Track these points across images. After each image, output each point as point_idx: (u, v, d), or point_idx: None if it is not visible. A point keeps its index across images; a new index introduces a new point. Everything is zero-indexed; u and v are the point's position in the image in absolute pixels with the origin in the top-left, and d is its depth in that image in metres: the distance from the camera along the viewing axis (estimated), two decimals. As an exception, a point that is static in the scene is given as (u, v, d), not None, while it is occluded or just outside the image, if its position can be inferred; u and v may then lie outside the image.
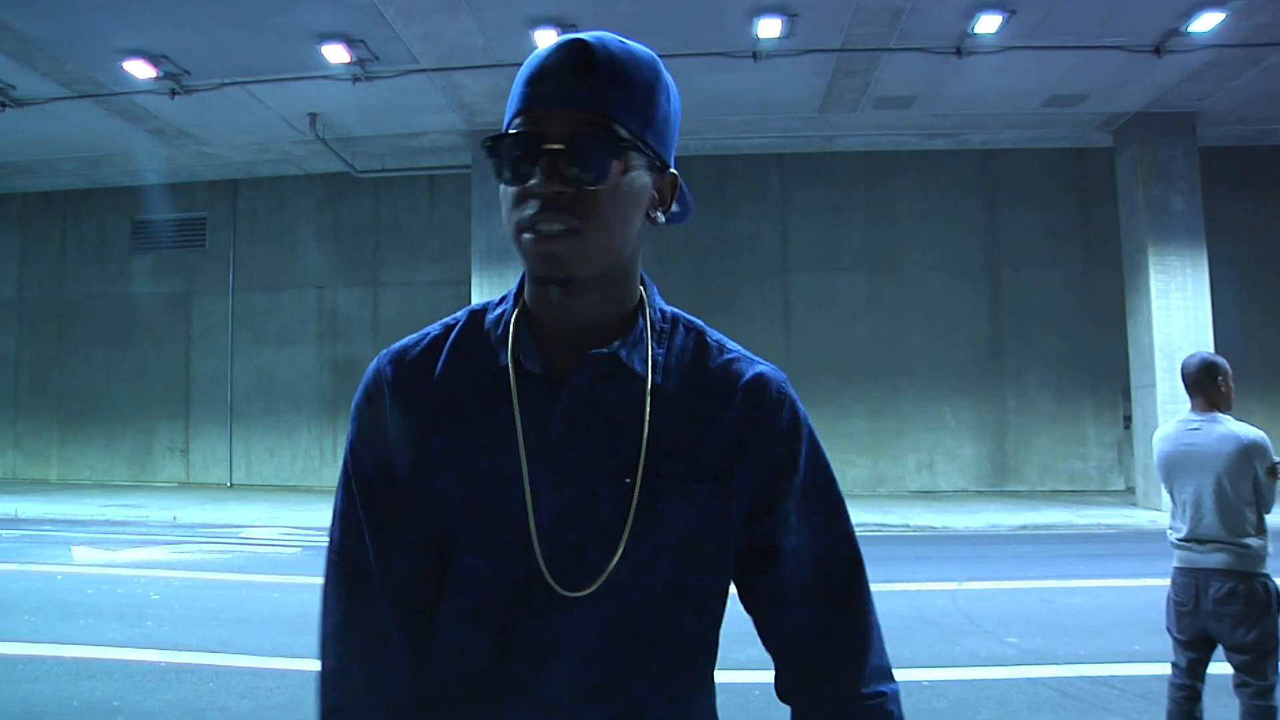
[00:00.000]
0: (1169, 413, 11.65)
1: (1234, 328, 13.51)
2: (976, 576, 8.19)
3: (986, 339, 15.56)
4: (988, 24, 10.26)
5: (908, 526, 11.69)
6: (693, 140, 14.83)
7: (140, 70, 11.22)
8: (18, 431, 17.62)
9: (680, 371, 1.12)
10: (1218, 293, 12.76)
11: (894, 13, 10.12)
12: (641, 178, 1.05)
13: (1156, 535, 10.92)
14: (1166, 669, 3.92)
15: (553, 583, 1.05)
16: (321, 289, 16.85)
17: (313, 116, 13.13)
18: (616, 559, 1.05)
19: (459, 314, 1.20)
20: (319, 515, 12.38)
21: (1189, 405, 3.95)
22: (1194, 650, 3.78)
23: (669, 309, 1.19)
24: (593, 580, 1.05)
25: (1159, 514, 11.63)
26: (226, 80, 11.75)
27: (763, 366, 1.16)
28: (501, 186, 1.05)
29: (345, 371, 16.42)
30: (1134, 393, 13.27)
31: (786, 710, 1.17)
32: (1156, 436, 4.06)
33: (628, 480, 1.06)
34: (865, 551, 1.18)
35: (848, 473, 15.39)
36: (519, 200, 1.02)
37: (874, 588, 1.17)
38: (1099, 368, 15.09)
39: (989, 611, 6.78)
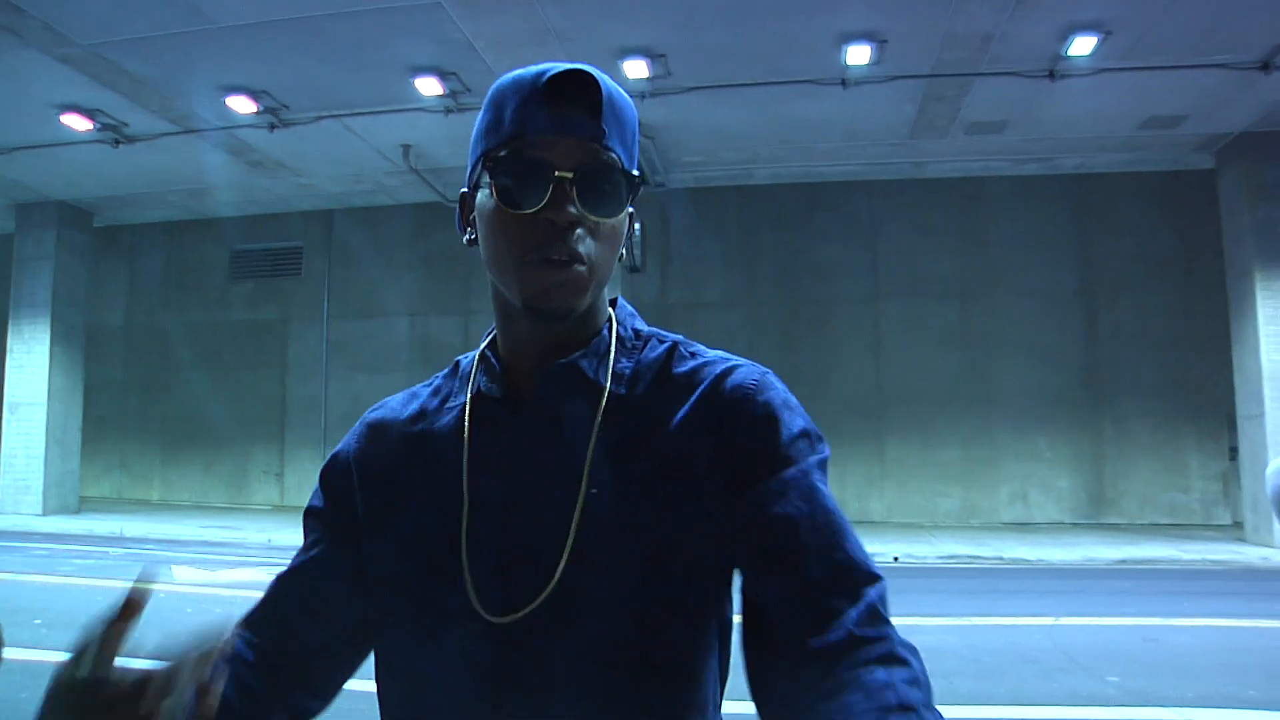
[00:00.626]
0: (1279, 444, 11.19)
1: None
2: (1074, 612, 7.91)
3: (1081, 366, 15.14)
4: (1082, 46, 10.02)
5: (1000, 559, 11.38)
6: (781, 168, 14.81)
7: (242, 105, 11.62)
8: (124, 453, 18.29)
9: (646, 380, 1.08)
10: (1331, 319, 12.21)
11: (985, 38, 9.97)
12: (627, 213, 1.05)
13: (1270, 574, 10.47)
14: (1284, 715, 3.73)
15: (480, 610, 0.99)
16: (414, 317, 17.18)
17: (406, 148, 13.42)
18: (560, 569, 0.98)
19: (451, 364, 1.21)
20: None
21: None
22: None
23: (646, 329, 1.15)
24: (531, 599, 0.98)
25: (1272, 550, 11.15)
26: (323, 114, 12.11)
27: (736, 362, 1.08)
28: (490, 207, 1.02)
29: (434, 397, 16.65)
30: (1240, 423, 12.75)
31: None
32: (1271, 469, 3.86)
33: (594, 491, 1.00)
34: (956, 585, 1.07)
35: (939, 504, 15.09)
36: (521, 227, 0.99)
37: (966, 621, 1.06)
38: (1201, 396, 14.55)
39: (1088, 648, 6.54)
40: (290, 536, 12.82)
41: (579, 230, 0.99)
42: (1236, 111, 11.76)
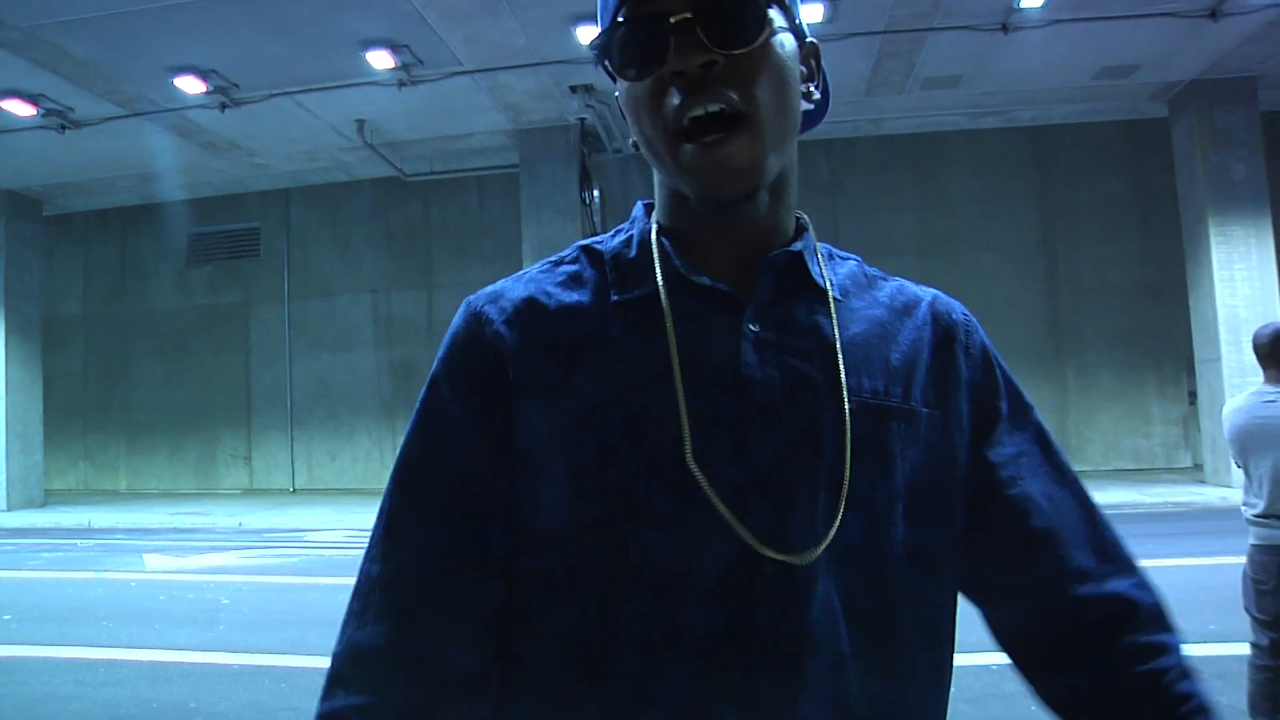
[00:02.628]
0: (1235, 386, 11.38)
1: (1302, 297, 13.13)
2: (1043, 559, 8.05)
3: (1044, 318, 15.31)
4: (1034, -3, 10.08)
5: (970, 511, 11.52)
6: (737, 129, 14.74)
7: (190, 86, 11.41)
8: (87, 444, 18.08)
9: (855, 293, 0.94)
10: (1284, 261, 12.41)
11: (938, -9, 9.98)
12: (788, 40, 0.88)
13: (1227, 512, 10.67)
14: (1244, 649, 3.83)
15: (765, 550, 0.80)
16: (376, 293, 17.05)
17: (360, 123, 13.26)
18: (842, 508, 0.83)
19: (566, 251, 0.99)
20: (381, 517, 12.53)
21: (1261, 377, 3.85)
22: (1276, 630, 3.68)
23: (821, 244, 1.00)
24: (820, 539, 0.82)
25: (1229, 490, 11.36)
26: (274, 91, 11.92)
27: (935, 290, 1.00)
28: (626, 92, 0.88)
29: (402, 375, 16.60)
30: (1198, 367, 12.96)
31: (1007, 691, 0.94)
32: (1227, 410, 3.95)
33: (850, 407, 0.85)
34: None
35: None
36: (655, 95, 0.84)
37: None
38: (1161, 343, 14.77)
39: (1057, 594, 6.66)
40: (260, 519, 12.76)
41: (729, 70, 0.82)
42: (1187, 60, 11.86)
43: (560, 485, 0.85)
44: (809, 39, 0.93)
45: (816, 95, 0.94)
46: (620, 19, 0.85)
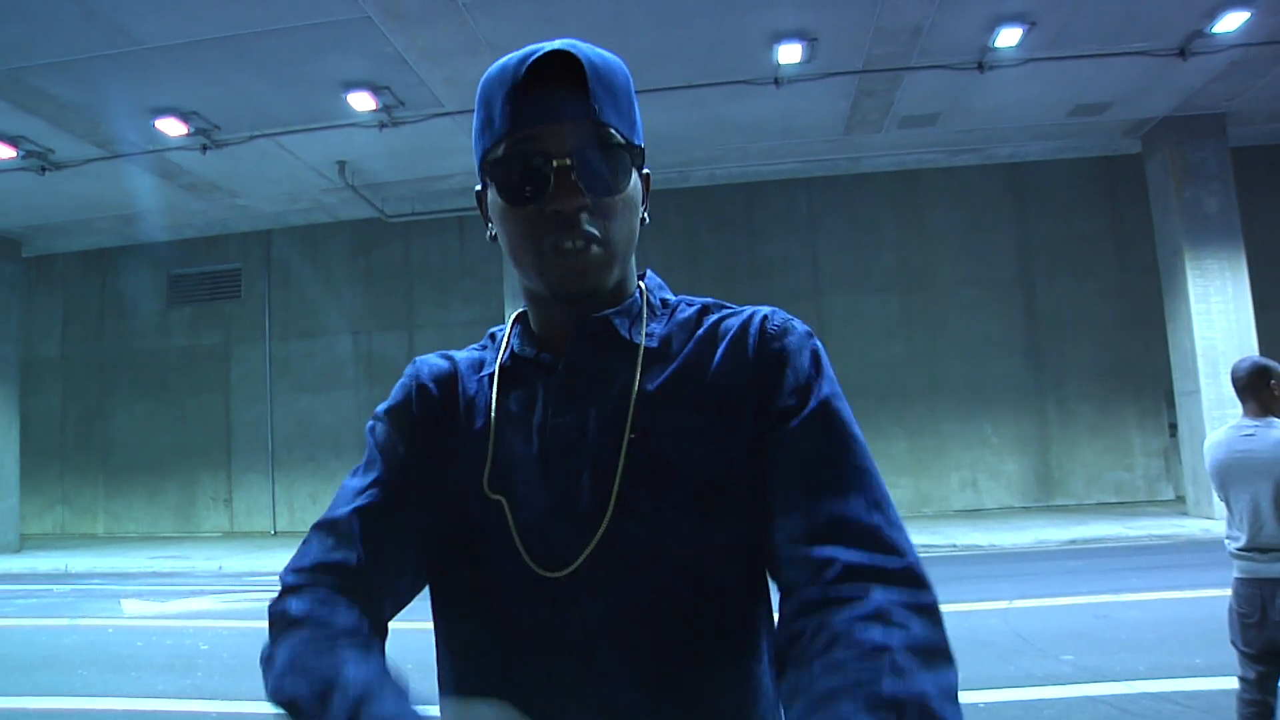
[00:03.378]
0: (1215, 419, 11.47)
1: (1277, 327, 13.24)
2: (1027, 594, 8.04)
3: (1023, 351, 15.40)
4: (1008, 37, 10.21)
5: (954, 546, 11.53)
6: (718, 169, 14.88)
7: (171, 128, 11.42)
8: (65, 487, 17.87)
9: (680, 337, 1.09)
10: (1258, 293, 12.53)
11: (914, 31, 10.11)
12: (636, 180, 1.05)
13: (1210, 545, 10.70)
14: (1231, 683, 3.82)
15: (531, 564, 0.98)
16: (357, 334, 17.00)
17: (341, 164, 13.29)
18: (606, 520, 0.97)
19: (486, 335, 1.22)
20: (362, 559, 12.41)
21: (1240, 411, 3.87)
22: (1262, 663, 3.67)
23: (674, 297, 1.16)
24: (578, 553, 0.97)
25: (1212, 522, 11.40)
26: (255, 133, 11.94)
27: (765, 309, 1.10)
28: (499, 206, 1.03)
29: (383, 414, 16.53)
30: (1178, 399, 13.05)
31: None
32: (1208, 444, 3.97)
33: (633, 436, 1.00)
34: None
35: (891, 495, 15.20)
36: (530, 220, 1.00)
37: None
38: (1140, 376, 14.88)
39: (1042, 629, 6.66)
40: (241, 563, 12.62)
41: (595, 212, 0.99)
42: (1159, 97, 12.06)
43: (425, 515, 1.07)
44: (645, 170, 1.09)
45: (647, 220, 1.11)
46: (505, 150, 1.00)
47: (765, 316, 1.08)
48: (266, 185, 14.21)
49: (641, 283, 1.15)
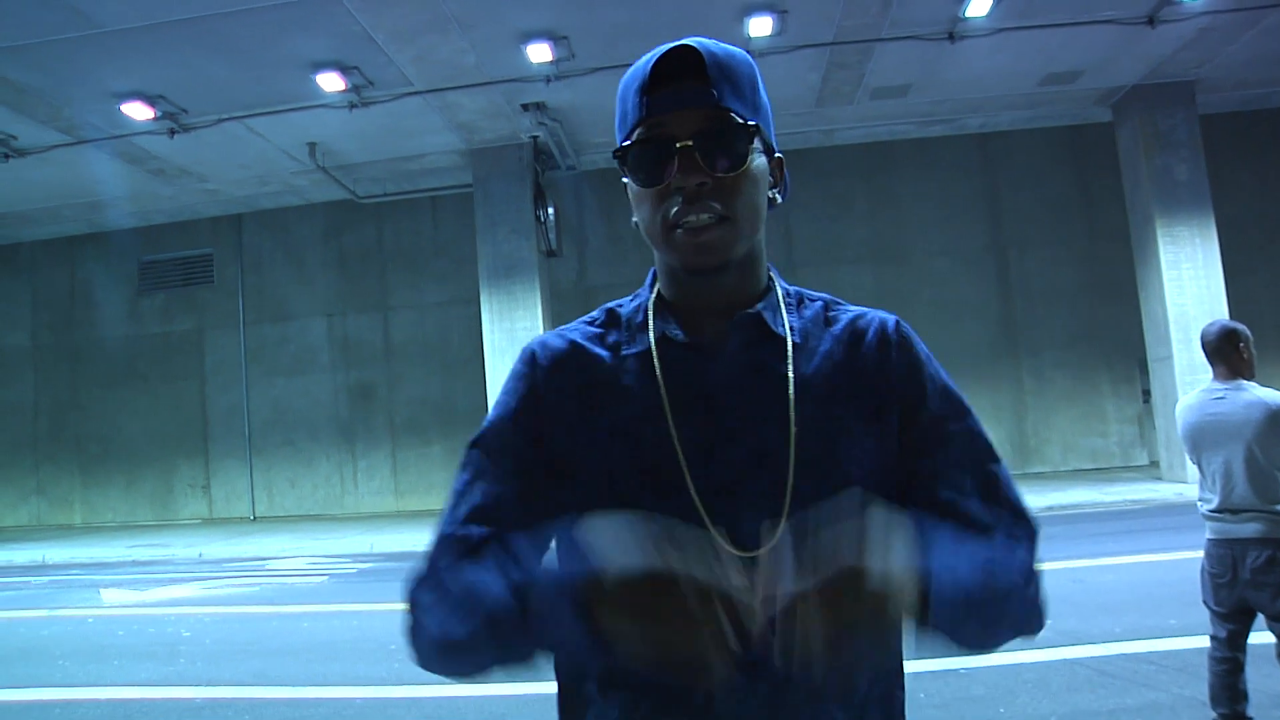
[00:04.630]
0: (1188, 384, 11.59)
1: (1247, 293, 13.40)
2: (1005, 561, 8.11)
3: (997, 321, 15.51)
4: (979, 6, 10.22)
5: (932, 515, 11.61)
6: (691, 143, 14.81)
7: (138, 112, 11.27)
8: (40, 478, 17.71)
9: (815, 333, 1.17)
10: (1228, 259, 12.67)
11: (884, 2, 10.10)
12: (762, 161, 1.13)
13: (1183, 508, 10.84)
14: (1204, 642, 3.88)
15: (728, 545, 1.02)
16: (331, 317, 16.90)
17: (312, 146, 13.17)
18: (786, 506, 1.04)
19: (596, 312, 1.25)
20: (343, 543, 12.40)
21: (1210, 374, 3.91)
22: (1233, 622, 3.73)
23: (793, 288, 1.25)
24: (757, 536, 1.02)
25: (1185, 486, 11.55)
26: (224, 116, 11.81)
27: (882, 313, 1.22)
28: (635, 189, 1.12)
29: (359, 397, 16.48)
30: (1151, 366, 13.19)
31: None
32: (1180, 407, 4.02)
33: (795, 429, 1.08)
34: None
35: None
36: (660, 199, 1.08)
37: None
38: (1113, 343, 15.01)
39: (1021, 595, 6.72)
40: (221, 549, 12.57)
41: (718, 188, 1.06)
42: (1129, 65, 12.11)
43: (581, 491, 1.10)
44: (778, 153, 1.18)
45: (779, 200, 1.18)
46: (636, 138, 1.09)
47: (897, 322, 1.21)
48: (236, 169, 14.06)
49: (770, 272, 1.22)
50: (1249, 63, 12.37)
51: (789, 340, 1.14)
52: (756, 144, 1.10)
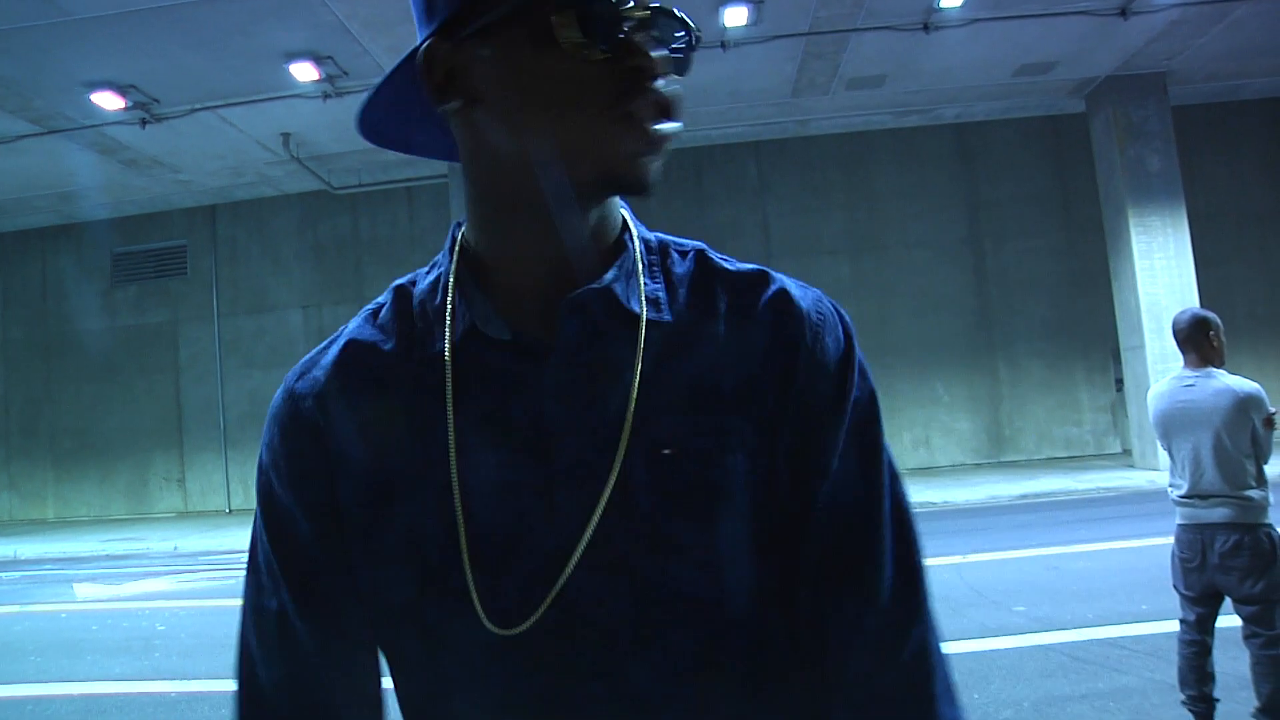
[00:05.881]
0: (1159, 373, 11.69)
1: (1218, 283, 13.55)
2: (980, 549, 8.20)
3: (974, 311, 15.59)
4: (953, -2, 10.28)
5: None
6: (667, 134, 14.79)
7: (108, 101, 11.14)
8: (11, 473, 17.52)
9: (682, 302, 0.83)
10: (1200, 249, 12.80)
11: (859, -7, 10.13)
12: None
13: (1155, 495, 10.96)
14: (1175, 626, 3.94)
15: (486, 621, 0.76)
16: (307, 308, 16.79)
17: (286, 136, 13.07)
18: (568, 570, 0.75)
19: (381, 296, 0.93)
20: (320, 535, 12.34)
21: (1181, 363, 3.96)
22: (1202, 605, 3.80)
23: (653, 235, 0.91)
24: (536, 607, 0.76)
25: (1157, 474, 11.67)
26: (196, 106, 11.69)
27: (789, 282, 0.87)
28: (548, 51, 0.73)
29: (336, 389, 16.39)
30: (1124, 355, 13.30)
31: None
32: (1151, 395, 4.07)
33: (667, 452, 0.78)
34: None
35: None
36: (598, 73, 0.73)
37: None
38: (1087, 333, 15.14)
39: (995, 582, 6.80)
40: (196, 542, 12.50)
41: (665, 81, 0.75)
42: (1102, 56, 12.19)
43: (376, 570, 0.82)
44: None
45: None
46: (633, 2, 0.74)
47: (803, 294, 0.87)
48: (209, 159, 13.94)
49: (623, 211, 0.89)
50: (1219, 56, 12.50)
51: (643, 320, 0.80)
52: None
